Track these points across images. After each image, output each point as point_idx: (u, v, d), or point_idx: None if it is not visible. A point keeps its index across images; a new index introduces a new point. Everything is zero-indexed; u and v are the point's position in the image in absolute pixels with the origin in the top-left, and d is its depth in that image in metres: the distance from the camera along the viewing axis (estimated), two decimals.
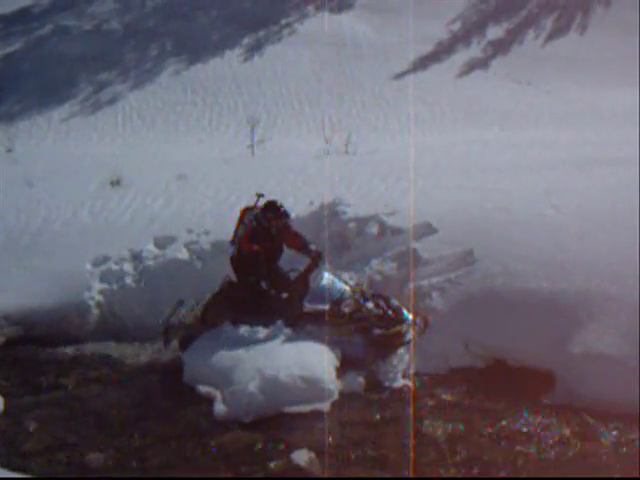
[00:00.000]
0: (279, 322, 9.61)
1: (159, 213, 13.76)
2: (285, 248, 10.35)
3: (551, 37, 36.60)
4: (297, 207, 12.66)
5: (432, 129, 26.70)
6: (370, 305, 9.62)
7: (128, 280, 11.88)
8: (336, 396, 8.54)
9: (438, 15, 36.65)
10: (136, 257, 12.21)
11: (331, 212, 12.44)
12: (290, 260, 10.52)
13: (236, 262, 10.16)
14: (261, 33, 37.16)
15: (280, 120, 29.14)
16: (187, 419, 8.35)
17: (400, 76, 32.85)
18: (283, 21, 37.76)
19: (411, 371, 9.13)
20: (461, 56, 34.60)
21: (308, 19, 37.82)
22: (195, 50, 35.41)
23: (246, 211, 10.27)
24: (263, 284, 10.06)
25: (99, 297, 11.68)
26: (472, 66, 34.03)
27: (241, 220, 10.20)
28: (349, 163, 17.37)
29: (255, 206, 10.26)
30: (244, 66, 34.66)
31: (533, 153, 16.86)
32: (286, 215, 10.06)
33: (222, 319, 10.02)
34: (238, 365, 8.79)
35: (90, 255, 12.19)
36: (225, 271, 11.22)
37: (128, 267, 12.06)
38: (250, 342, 9.35)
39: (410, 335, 9.44)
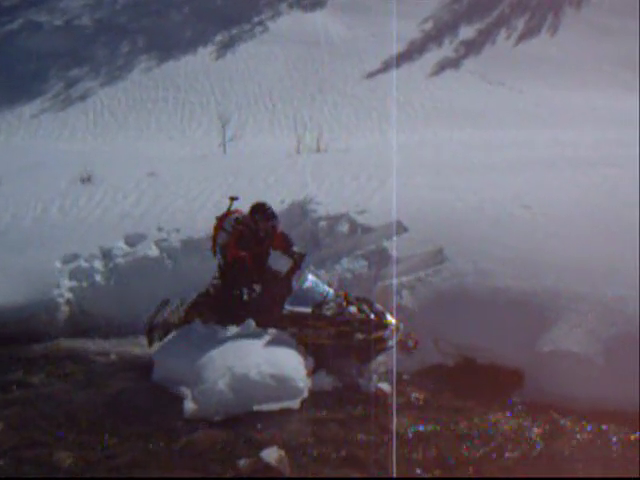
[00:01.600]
0: (249, 320, 9.47)
1: (130, 210, 13.71)
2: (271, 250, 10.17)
3: (523, 37, 36.85)
4: None
5: (404, 128, 26.74)
6: (353, 309, 9.38)
7: (98, 278, 11.81)
8: (306, 394, 8.54)
9: (411, 15, 36.76)
10: (106, 255, 12.14)
11: (302, 210, 12.47)
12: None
13: (223, 270, 9.91)
14: (234, 31, 37.12)
15: (252, 118, 29.12)
16: (157, 417, 8.31)
17: (372, 75, 32.93)
18: (256, 19, 37.77)
19: (392, 377, 8.80)
20: (433, 55, 34.75)
21: (281, 17, 37.87)
22: (167, 47, 35.31)
23: (223, 218, 9.95)
24: (245, 292, 9.84)
25: (69, 295, 11.58)
26: (444, 66, 34.18)
27: (219, 227, 9.89)
28: (321, 161, 17.37)
29: (229, 210, 10.05)
30: (216, 63, 34.60)
31: (504, 153, 16.95)
32: (274, 216, 9.84)
33: (206, 320, 9.84)
34: (208, 363, 8.74)
35: (60, 252, 12.09)
36: (196, 269, 11.25)
37: (98, 265, 11.98)
38: (220, 340, 9.31)
39: (393, 341, 9.21)
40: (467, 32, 36.84)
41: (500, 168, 14.62)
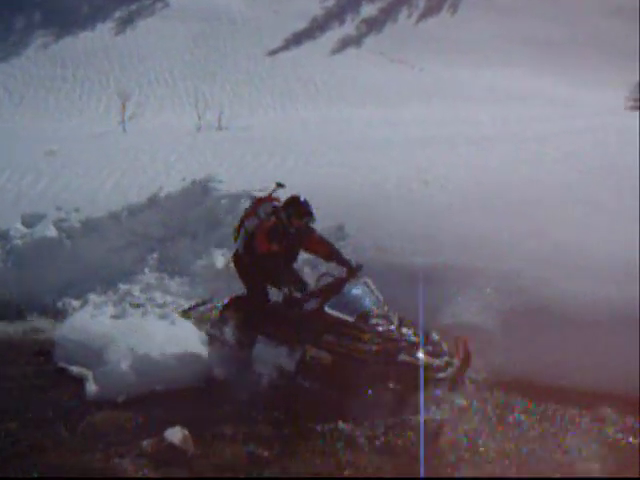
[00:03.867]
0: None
1: (27, 190, 13.43)
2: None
3: (424, 16, 37.32)
4: (169, 183, 12.59)
5: (306, 106, 26.85)
6: (406, 330, 8.00)
7: None
8: (209, 373, 8.53)
9: None
10: (3, 236, 11.91)
11: (203, 189, 12.40)
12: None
13: (243, 261, 8.83)
14: (133, 6, 36.61)
15: (152, 95, 28.81)
16: (58, 400, 8.19)
17: (274, 52, 32.90)
18: None
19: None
20: (335, 33, 34.91)
21: None
22: (64, 23, 34.59)
23: (261, 201, 8.89)
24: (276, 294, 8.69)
25: None
26: (346, 43, 34.38)
27: (253, 210, 8.85)
28: (222, 139, 17.31)
29: (270, 197, 8.97)
30: (116, 40, 34.10)
31: (405, 130, 17.15)
32: (309, 214, 8.54)
33: (238, 325, 8.80)
34: (110, 344, 8.67)
35: None
36: (96, 250, 11.09)
37: None
38: (122, 321, 9.24)
39: (444, 374, 7.65)
40: (369, 10, 37.12)
41: (401, 145, 14.79)
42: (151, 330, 8.94)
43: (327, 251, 8.81)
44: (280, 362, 8.25)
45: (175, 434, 7.22)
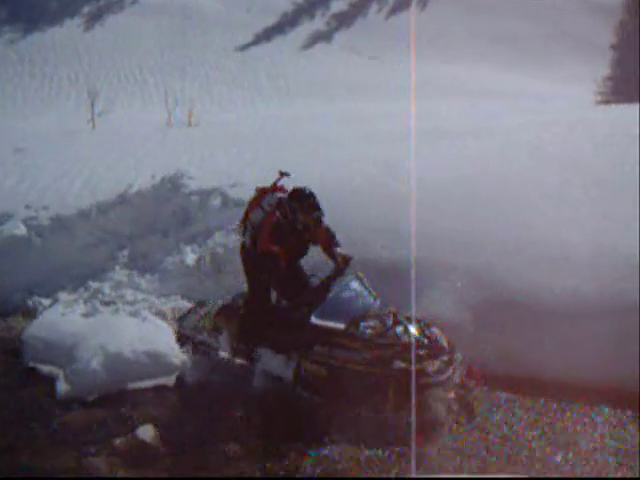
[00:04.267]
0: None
1: None
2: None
3: (394, 11, 37.35)
4: (139, 180, 12.52)
5: (276, 102, 26.83)
6: (399, 329, 7.54)
7: None
8: (181, 371, 8.50)
9: None
10: None
11: (173, 185, 12.35)
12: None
13: (248, 256, 8.40)
14: (102, 2, 36.35)
15: (122, 92, 28.66)
16: (29, 399, 8.15)
17: (244, 48, 32.83)
18: None
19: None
20: (305, 29, 34.89)
21: None
22: (32, 18, 34.29)
23: (265, 192, 8.42)
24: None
25: None
26: (316, 39, 34.37)
27: (257, 202, 8.38)
28: (192, 135, 17.27)
29: (274, 186, 8.51)
30: (85, 36, 33.87)
31: (376, 125, 17.15)
32: (317, 208, 8.04)
33: (232, 332, 8.44)
34: (80, 343, 8.65)
35: None
36: (66, 248, 11.02)
37: None
38: (92, 319, 9.19)
39: (444, 376, 7.32)
40: (339, 5, 37.13)
41: (371, 140, 14.80)
42: (122, 328, 8.92)
43: (326, 244, 8.31)
44: (279, 372, 7.95)
45: (146, 432, 7.25)
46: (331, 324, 7.59)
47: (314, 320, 7.63)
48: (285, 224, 8.02)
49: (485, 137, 13.87)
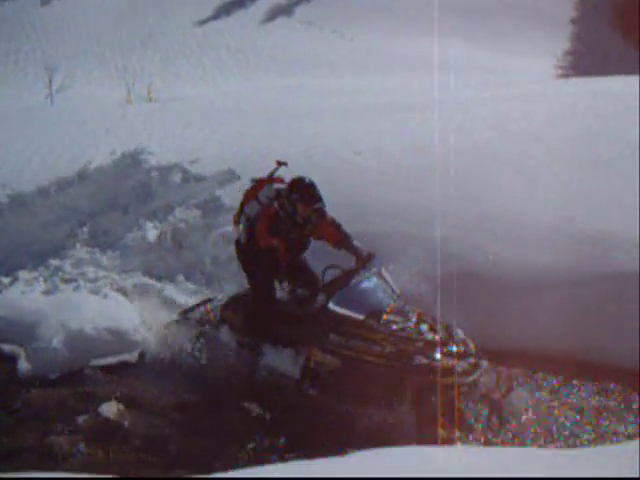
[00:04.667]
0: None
1: None
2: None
3: None
4: (99, 157, 12.40)
5: (236, 76, 26.69)
6: (424, 327, 7.17)
7: None
8: (143, 347, 8.50)
9: None
10: None
11: (133, 161, 12.24)
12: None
13: (245, 252, 8.06)
14: None
15: (80, 67, 28.33)
16: None
17: (204, 22, 32.59)
18: None
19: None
20: (265, 2, 34.66)
21: None
22: None
23: (261, 184, 8.01)
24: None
25: None
26: (276, 13, 34.17)
27: (253, 194, 8.00)
28: (152, 111, 17.11)
29: (271, 177, 8.09)
30: (42, 10, 33.43)
31: (336, 99, 17.12)
32: (318, 199, 7.65)
33: (236, 326, 8.12)
34: (41, 321, 8.60)
35: None
36: (25, 227, 10.91)
37: None
38: (53, 297, 9.14)
39: (472, 378, 6.86)
40: None
41: (331, 114, 14.77)
42: (83, 305, 8.88)
43: (337, 237, 7.86)
44: (284, 368, 7.54)
45: (110, 409, 7.26)
46: (350, 313, 7.16)
47: (332, 306, 7.22)
48: (285, 217, 7.63)
49: (447, 111, 13.90)
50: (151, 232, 10.76)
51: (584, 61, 30.44)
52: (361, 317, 7.09)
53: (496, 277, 8.55)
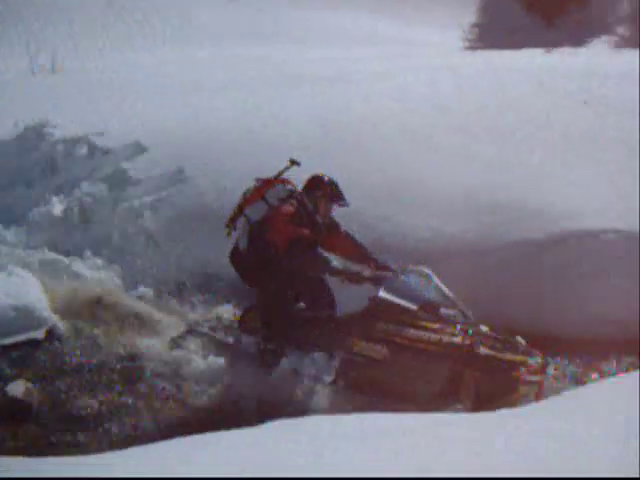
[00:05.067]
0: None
1: None
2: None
3: None
4: (1, 130, 12.14)
5: (143, 47, 26.21)
6: (483, 328, 6.83)
7: None
8: (51, 323, 8.38)
9: None
10: None
11: (38, 134, 12.02)
12: None
13: (249, 261, 7.45)
14: None
15: None
16: None
17: None
18: None
19: None
20: None
21: None
22: None
23: (268, 184, 7.42)
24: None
25: None
26: None
27: (259, 194, 7.38)
28: (56, 83, 16.79)
29: (279, 177, 7.57)
30: None
31: (244, 71, 17.03)
32: (342, 196, 7.43)
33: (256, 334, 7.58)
34: None
35: None
36: None
37: None
38: None
39: (538, 377, 6.44)
40: None
41: (239, 86, 14.71)
42: None
43: (354, 252, 7.46)
44: (315, 372, 6.98)
45: (17, 388, 7.16)
46: (402, 302, 6.79)
47: (382, 294, 6.84)
48: (305, 216, 7.12)
49: (354, 82, 13.98)
50: (57, 207, 10.60)
51: (490, 34, 30.83)
52: (414, 307, 6.74)
53: (404, 247, 8.69)
